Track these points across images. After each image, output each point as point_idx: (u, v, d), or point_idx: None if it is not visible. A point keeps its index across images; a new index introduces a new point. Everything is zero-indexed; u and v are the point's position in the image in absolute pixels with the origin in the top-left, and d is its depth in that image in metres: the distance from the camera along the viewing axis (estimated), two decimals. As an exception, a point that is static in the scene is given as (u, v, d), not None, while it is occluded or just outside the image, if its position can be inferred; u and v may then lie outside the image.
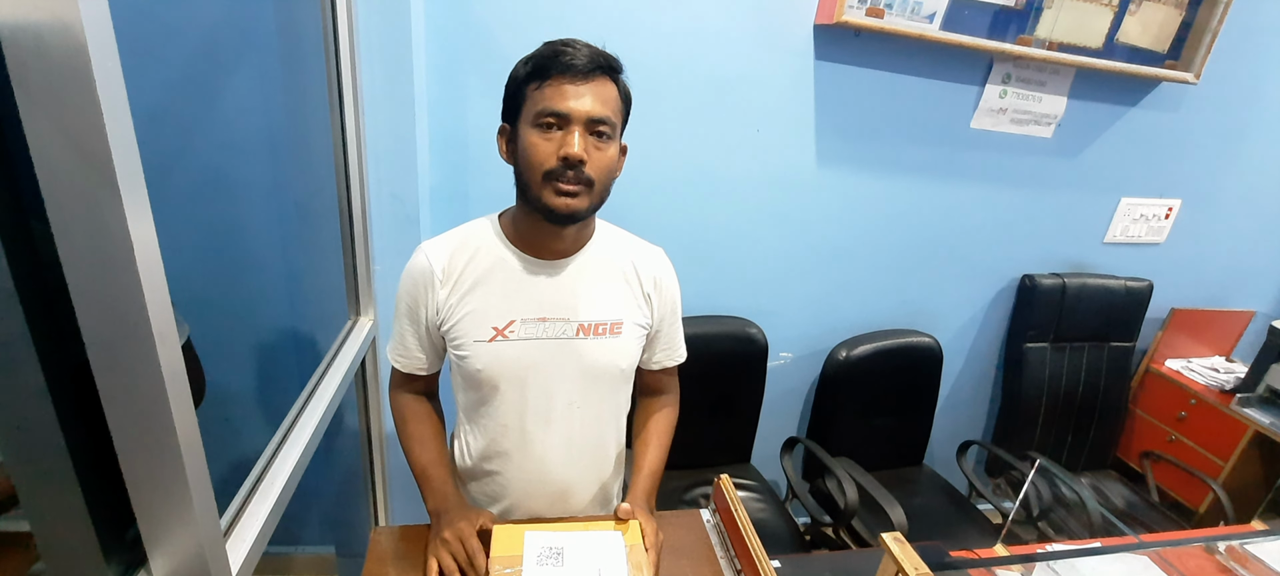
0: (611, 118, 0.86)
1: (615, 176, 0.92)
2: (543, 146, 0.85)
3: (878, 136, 1.77)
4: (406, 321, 0.99)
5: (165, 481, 0.59)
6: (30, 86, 0.45)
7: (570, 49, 0.84)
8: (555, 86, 0.83)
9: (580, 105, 0.83)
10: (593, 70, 0.84)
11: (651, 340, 1.06)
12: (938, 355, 1.96)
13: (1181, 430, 2.17)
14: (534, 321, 0.95)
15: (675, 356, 1.11)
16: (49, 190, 0.48)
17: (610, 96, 0.87)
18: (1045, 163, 1.94)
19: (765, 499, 1.79)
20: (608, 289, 0.99)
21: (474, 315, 0.94)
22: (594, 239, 0.99)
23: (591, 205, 0.89)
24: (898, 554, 0.74)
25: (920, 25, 1.60)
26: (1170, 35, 1.82)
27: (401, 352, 1.02)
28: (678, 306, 1.09)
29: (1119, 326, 2.14)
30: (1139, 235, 2.14)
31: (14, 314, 0.52)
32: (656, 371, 1.11)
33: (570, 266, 0.97)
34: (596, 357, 0.98)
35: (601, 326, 0.98)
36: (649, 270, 1.02)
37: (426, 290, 0.95)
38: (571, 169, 0.84)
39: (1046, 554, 1.14)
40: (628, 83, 0.92)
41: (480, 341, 0.94)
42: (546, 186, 0.85)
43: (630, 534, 0.94)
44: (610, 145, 0.88)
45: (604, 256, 0.99)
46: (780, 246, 1.84)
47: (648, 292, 1.02)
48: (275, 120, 1.31)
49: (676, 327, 1.10)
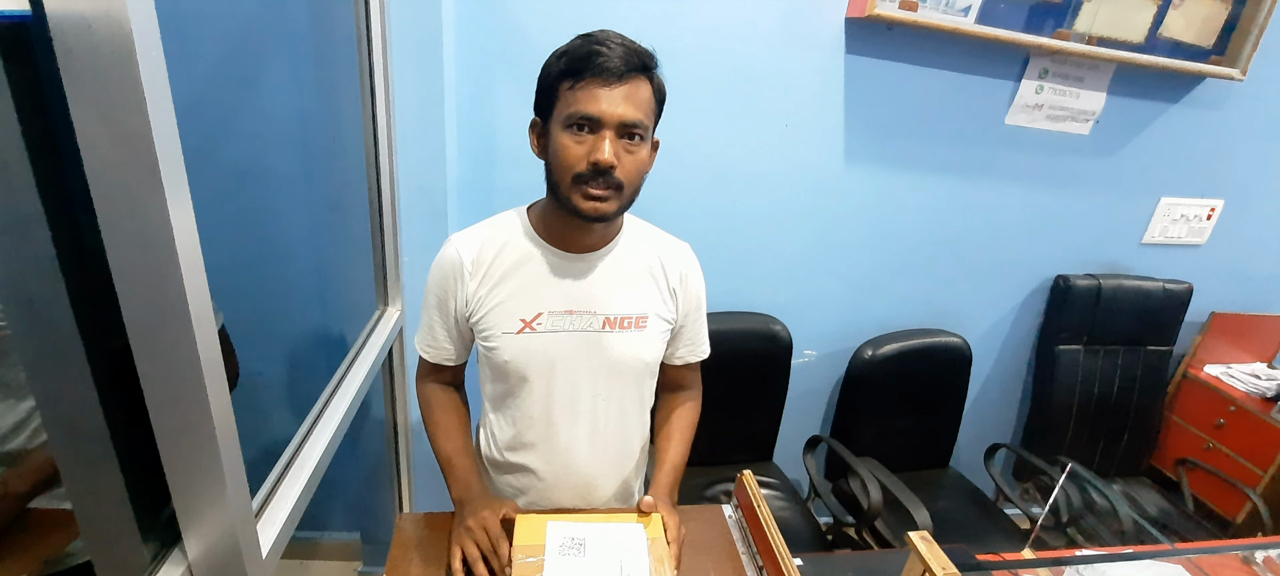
0: (644, 120, 0.85)
1: (646, 174, 0.91)
2: (573, 149, 0.84)
3: (909, 132, 1.74)
4: (435, 312, 1.00)
5: (200, 463, 0.61)
6: (78, 75, 0.46)
7: (605, 48, 0.82)
8: (588, 89, 0.82)
9: (613, 110, 0.82)
10: (627, 71, 0.82)
11: (675, 335, 1.06)
12: (966, 356, 1.93)
13: (1219, 437, 2.10)
14: (561, 314, 0.95)
15: (699, 352, 1.11)
16: (94, 178, 0.49)
17: (644, 97, 0.85)
18: (1082, 161, 1.89)
19: (787, 497, 1.78)
20: (634, 284, 0.99)
21: (502, 307, 0.95)
22: (622, 234, 1.00)
23: (620, 207, 0.88)
24: (925, 553, 0.73)
25: (955, 18, 1.57)
26: (1215, 30, 1.76)
27: (429, 343, 1.03)
28: (702, 302, 1.08)
29: (1156, 330, 2.08)
30: (1179, 236, 2.08)
31: (60, 300, 0.53)
32: (680, 367, 1.11)
33: (597, 261, 0.97)
34: (622, 351, 0.98)
35: (627, 320, 0.98)
36: (675, 266, 1.02)
37: (456, 282, 0.96)
38: (601, 174, 0.84)
39: (1076, 558, 1.12)
40: (662, 76, 0.90)
41: (508, 333, 0.95)
42: (576, 189, 0.85)
43: (652, 527, 0.94)
44: (641, 147, 0.87)
45: (631, 251, 0.99)
46: (806, 243, 1.82)
47: (673, 288, 1.02)
48: (309, 113, 1.33)
49: (701, 324, 1.10)
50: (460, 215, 1.55)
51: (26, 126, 0.49)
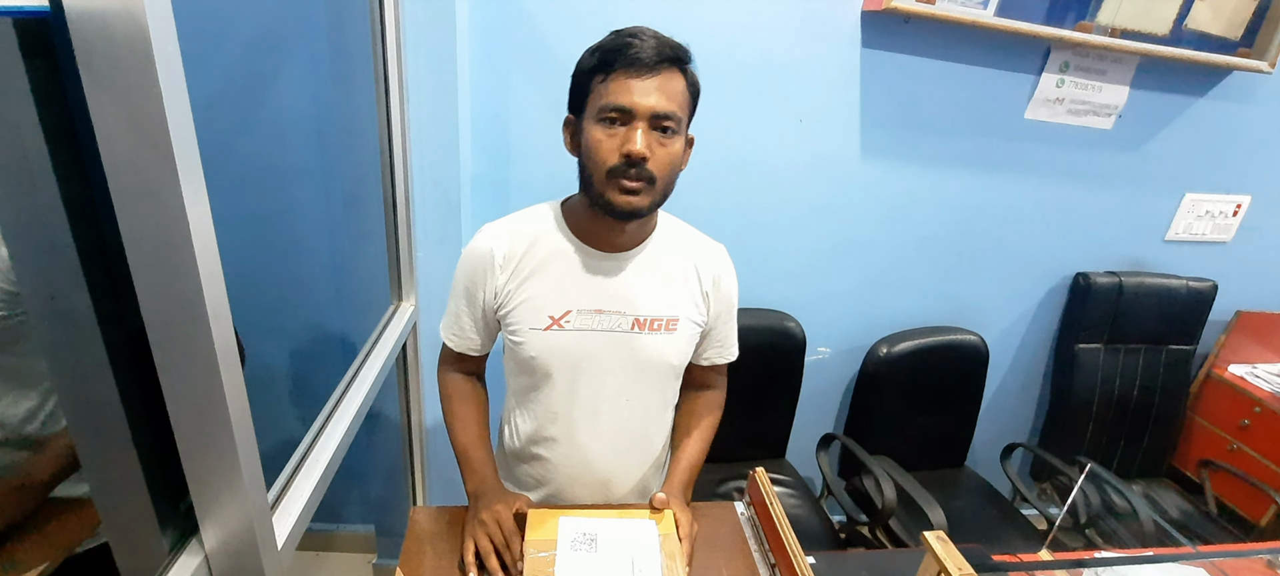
0: (677, 112, 0.84)
1: (680, 171, 0.90)
2: (606, 143, 0.83)
3: (926, 127, 1.72)
4: (463, 301, 1.00)
5: (217, 456, 0.62)
6: (95, 70, 0.47)
7: (637, 40, 0.81)
8: (620, 81, 0.82)
9: (645, 101, 0.81)
10: (659, 62, 0.82)
11: (705, 337, 1.05)
12: (983, 354, 1.90)
13: (1244, 439, 2.06)
14: (590, 313, 0.94)
15: (727, 355, 1.10)
16: (112, 173, 0.49)
17: (677, 90, 0.84)
18: (1104, 156, 1.85)
19: (800, 495, 1.77)
20: (666, 285, 0.98)
21: (531, 303, 0.94)
22: (655, 233, 0.98)
23: (654, 202, 0.88)
24: (940, 553, 0.72)
25: (974, 11, 1.54)
26: (1243, 22, 1.71)
27: (455, 331, 1.03)
28: (734, 305, 1.07)
29: (1179, 328, 2.04)
30: (1203, 233, 2.03)
31: (79, 292, 0.54)
32: (706, 368, 1.10)
33: (629, 260, 0.96)
34: (650, 353, 0.97)
35: (657, 322, 0.97)
36: (709, 268, 1.01)
37: (486, 273, 0.95)
38: (634, 166, 0.83)
39: (1096, 560, 1.10)
40: (696, 71, 0.89)
41: (536, 329, 0.94)
42: (609, 183, 0.84)
43: (665, 523, 0.94)
44: (675, 140, 0.86)
45: (664, 252, 0.98)
46: (821, 239, 1.81)
47: (706, 290, 1.01)
48: (324, 109, 1.34)
49: (731, 326, 1.09)
50: (474, 210, 1.55)
51: (46, 120, 0.49)
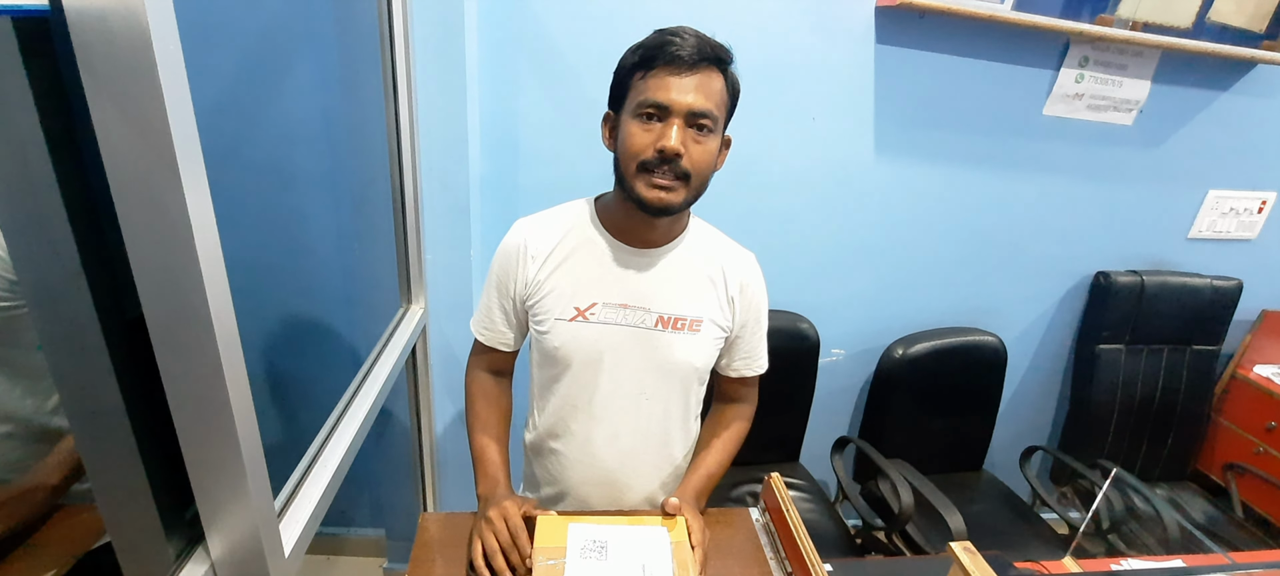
0: (713, 111, 0.84)
1: (714, 171, 0.90)
2: (641, 137, 0.84)
3: (942, 124, 1.69)
4: (495, 294, 1.00)
5: (222, 463, 0.61)
6: (95, 70, 0.46)
7: (677, 38, 0.82)
8: (659, 77, 0.82)
9: (682, 98, 0.82)
10: (699, 61, 0.82)
11: (731, 346, 1.04)
12: (1001, 355, 1.87)
13: (1270, 441, 2.01)
14: (615, 307, 0.94)
15: (755, 366, 1.08)
16: (114, 174, 0.49)
17: (715, 89, 0.84)
18: (1125, 152, 1.81)
19: (814, 499, 1.75)
20: (692, 286, 0.97)
21: (558, 293, 0.95)
22: (686, 234, 0.98)
23: (686, 200, 0.88)
24: (968, 564, 0.70)
25: (991, 5, 1.51)
26: (1268, 14, 1.67)
27: (486, 325, 1.03)
28: (763, 315, 1.06)
29: (1203, 328, 1.99)
30: (1228, 230, 1.99)
31: (81, 297, 0.53)
32: (734, 380, 1.09)
33: (658, 258, 0.96)
34: (672, 352, 0.97)
35: (681, 321, 0.96)
36: (736, 274, 1.01)
37: (517, 264, 0.96)
38: (667, 162, 0.83)
39: (1122, 570, 1.07)
40: (737, 73, 0.89)
41: (561, 319, 0.94)
42: (641, 177, 0.85)
43: (676, 530, 0.92)
44: (711, 139, 0.86)
45: (693, 253, 0.98)
46: (835, 240, 1.78)
47: (732, 296, 1.00)
48: (332, 111, 1.33)
49: (759, 337, 1.07)
50: (484, 212, 1.54)
51: (46, 120, 0.48)
